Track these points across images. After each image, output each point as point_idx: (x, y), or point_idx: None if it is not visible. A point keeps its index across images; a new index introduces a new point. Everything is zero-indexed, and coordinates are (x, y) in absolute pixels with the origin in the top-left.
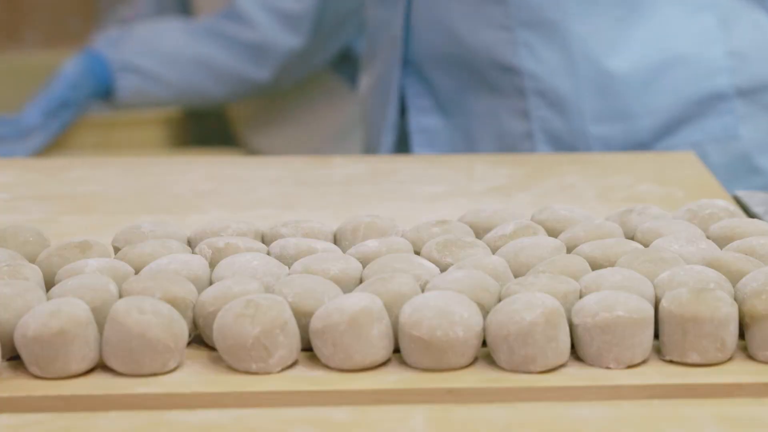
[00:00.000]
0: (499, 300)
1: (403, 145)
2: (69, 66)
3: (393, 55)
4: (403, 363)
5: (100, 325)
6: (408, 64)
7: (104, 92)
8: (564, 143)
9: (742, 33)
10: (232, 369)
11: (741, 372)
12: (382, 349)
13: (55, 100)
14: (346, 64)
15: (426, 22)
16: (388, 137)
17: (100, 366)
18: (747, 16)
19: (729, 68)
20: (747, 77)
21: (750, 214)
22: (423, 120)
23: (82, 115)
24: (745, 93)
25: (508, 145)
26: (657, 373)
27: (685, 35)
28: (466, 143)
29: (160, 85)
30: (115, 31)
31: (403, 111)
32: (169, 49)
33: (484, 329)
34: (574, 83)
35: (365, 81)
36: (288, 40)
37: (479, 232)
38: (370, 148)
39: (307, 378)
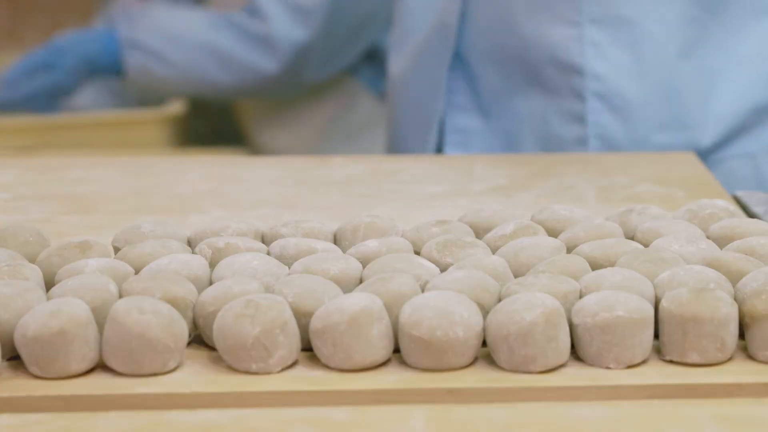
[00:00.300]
0: (499, 300)
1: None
2: (61, 34)
3: (443, 45)
4: (403, 363)
5: (100, 325)
6: (453, 57)
7: (115, 69)
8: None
9: None
10: (232, 369)
11: (741, 372)
12: (382, 349)
13: (33, 60)
14: (366, 66)
15: (482, 12)
16: (432, 135)
17: (100, 366)
18: None
19: None
20: None
21: (750, 214)
22: (460, 120)
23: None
24: None
25: (554, 150)
26: (657, 373)
27: (750, 38)
28: (505, 147)
29: (166, 66)
30: (133, 11)
31: None
32: (178, 31)
33: (484, 329)
34: (642, 87)
35: (396, 71)
36: (296, 33)
37: (479, 232)
38: (399, 145)
39: (307, 378)
